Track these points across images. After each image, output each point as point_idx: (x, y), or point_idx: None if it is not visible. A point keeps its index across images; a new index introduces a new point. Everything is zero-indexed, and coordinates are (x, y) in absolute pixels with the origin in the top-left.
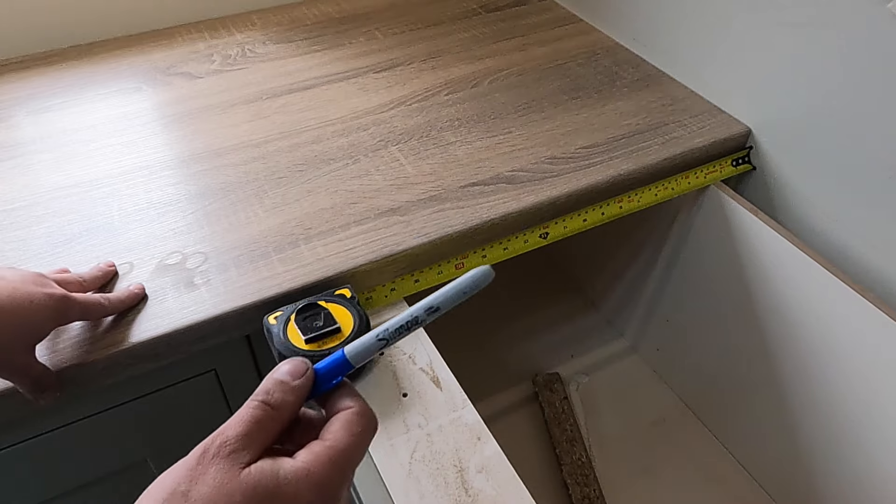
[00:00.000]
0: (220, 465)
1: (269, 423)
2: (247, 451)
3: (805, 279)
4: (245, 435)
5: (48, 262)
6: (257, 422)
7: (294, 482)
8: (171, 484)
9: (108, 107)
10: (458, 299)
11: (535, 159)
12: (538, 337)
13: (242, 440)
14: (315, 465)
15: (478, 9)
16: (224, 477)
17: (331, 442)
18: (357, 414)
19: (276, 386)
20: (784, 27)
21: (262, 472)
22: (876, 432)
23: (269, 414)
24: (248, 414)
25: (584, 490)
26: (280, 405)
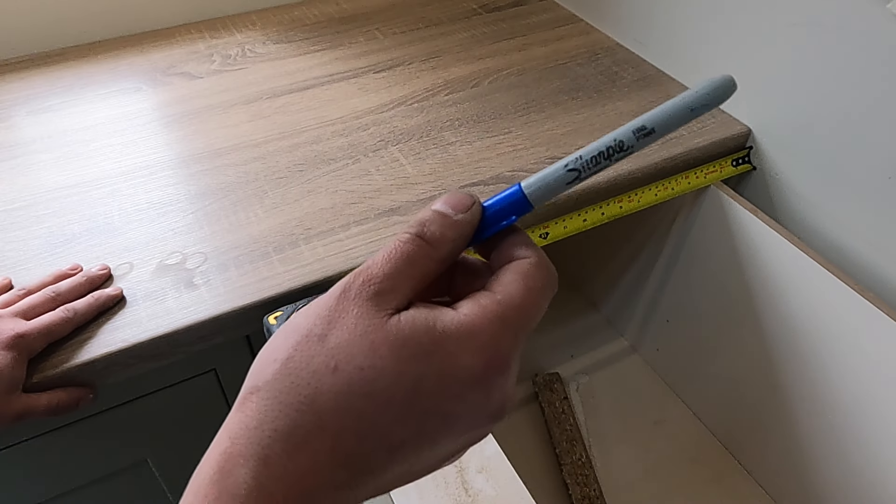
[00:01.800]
0: (363, 309)
1: (423, 262)
2: (395, 294)
3: (805, 279)
4: (394, 273)
5: (48, 262)
6: (409, 258)
7: (455, 339)
8: (306, 325)
9: (108, 107)
10: (682, 119)
11: (535, 159)
12: (538, 337)
13: (390, 280)
14: (482, 320)
15: (478, 9)
16: (367, 323)
17: (502, 295)
18: (535, 265)
19: (434, 218)
20: (784, 27)
21: (413, 322)
22: (876, 432)
23: (424, 250)
24: (399, 249)
25: (584, 490)
26: (438, 241)
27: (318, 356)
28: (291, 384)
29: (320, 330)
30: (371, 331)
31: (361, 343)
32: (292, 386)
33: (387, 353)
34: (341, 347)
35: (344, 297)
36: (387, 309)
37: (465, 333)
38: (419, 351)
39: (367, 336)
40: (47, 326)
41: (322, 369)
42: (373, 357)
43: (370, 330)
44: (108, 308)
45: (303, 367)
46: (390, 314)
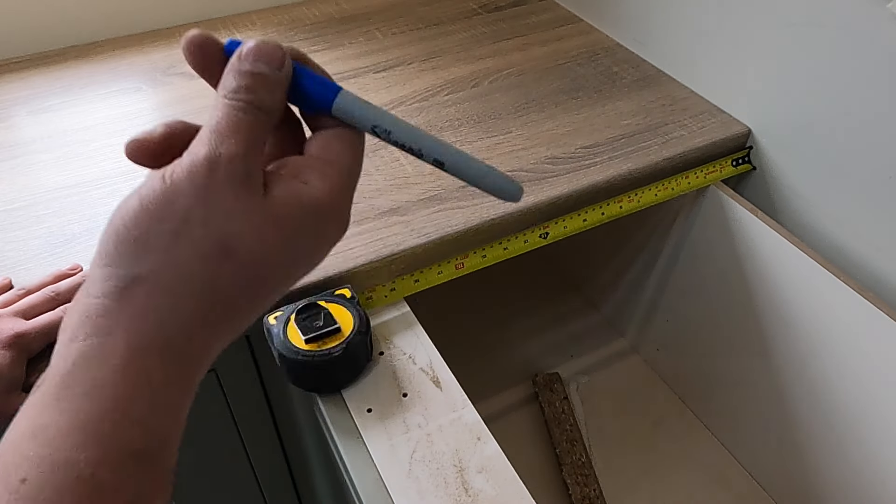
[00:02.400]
0: (240, 192)
1: (263, 131)
2: (256, 169)
3: (805, 279)
4: (252, 152)
5: (48, 262)
6: (254, 131)
7: (317, 213)
8: (179, 210)
9: (108, 107)
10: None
11: (535, 159)
12: (538, 337)
13: (251, 158)
14: (334, 192)
15: (478, 9)
16: (248, 205)
17: (339, 165)
18: (358, 133)
19: (259, 82)
20: (784, 27)
21: (286, 201)
22: (876, 432)
23: (262, 120)
24: (245, 122)
25: (584, 490)
26: (270, 108)
27: (204, 243)
28: (183, 276)
29: (200, 217)
30: (253, 212)
31: (248, 226)
32: (184, 277)
33: (272, 232)
34: (230, 234)
35: (213, 181)
36: (258, 190)
37: (325, 207)
38: (297, 228)
39: (251, 218)
40: (47, 326)
41: (214, 256)
42: (261, 239)
43: (253, 212)
44: None
45: (192, 256)
46: (263, 194)
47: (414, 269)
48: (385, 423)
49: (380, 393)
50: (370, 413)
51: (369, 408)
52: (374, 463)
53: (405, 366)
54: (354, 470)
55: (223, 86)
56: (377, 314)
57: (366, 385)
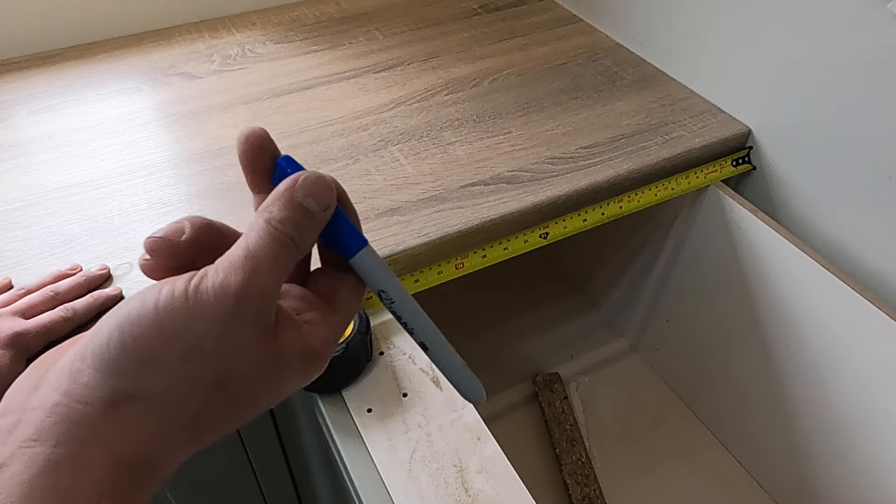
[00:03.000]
0: (256, 332)
1: (290, 268)
2: (273, 310)
3: (805, 279)
4: (278, 288)
5: (48, 262)
6: (286, 268)
7: (310, 360)
8: (190, 337)
9: (108, 107)
10: (444, 366)
11: (535, 159)
12: (538, 337)
13: (275, 296)
14: (329, 342)
15: (478, 9)
16: (257, 347)
17: (342, 315)
18: (364, 287)
19: (304, 220)
20: (784, 27)
21: (289, 345)
22: (876, 432)
23: (295, 258)
24: (281, 257)
25: (584, 490)
26: (306, 247)
27: (205, 374)
28: (182, 401)
29: (214, 347)
30: (260, 355)
31: (252, 367)
32: (183, 404)
33: (268, 376)
34: (230, 365)
35: (237, 313)
36: (271, 327)
37: (320, 358)
38: (290, 373)
39: (256, 360)
40: (46, 325)
41: (212, 388)
42: (258, 380)
43: (259, 354)
44: (107, 308)
45: (195, 382)
46: (273, 334)
47: (414, 269)
48: (385, 423)
49: (380, 393)
50: (370, 413)
51: (369, 408)
52: (374, 463)
53: (405, 366)
54: (354, 470)
55: (269, 211)
56: (377, 314)
57: (366, 385)
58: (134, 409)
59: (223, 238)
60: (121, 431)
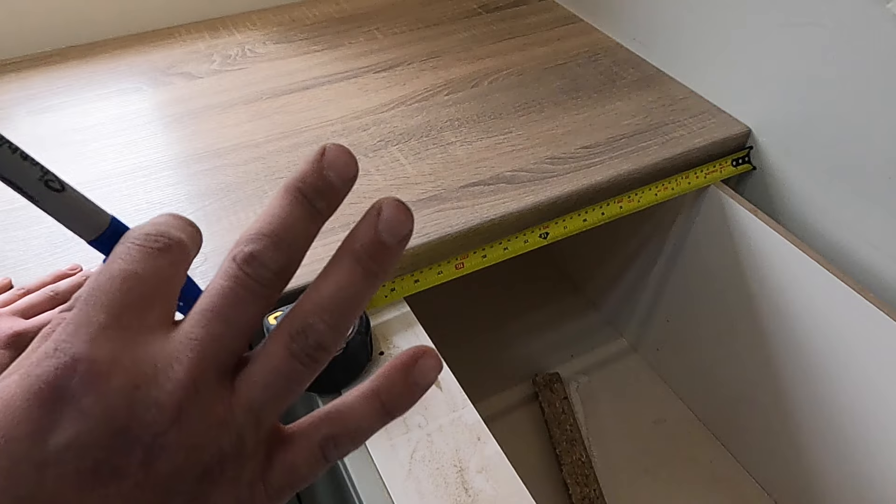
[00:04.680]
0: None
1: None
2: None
3: (805, 279)
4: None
5: (48, 262)
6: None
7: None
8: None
9: (108, 107)
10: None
11: (535, 159)
12: (538, 337)
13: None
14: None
15: (478, 9)
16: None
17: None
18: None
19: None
20: (784, 27)
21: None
22: (876, 432)
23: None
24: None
25: (584, 490)
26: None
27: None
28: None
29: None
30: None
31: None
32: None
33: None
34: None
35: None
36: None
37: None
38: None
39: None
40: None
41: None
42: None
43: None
44: None
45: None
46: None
47: (414, 269)
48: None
49: None
50: None
51: None
52: (374, 463)
53: None
54: (354, 470)
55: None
56: (377, 314)
57: None
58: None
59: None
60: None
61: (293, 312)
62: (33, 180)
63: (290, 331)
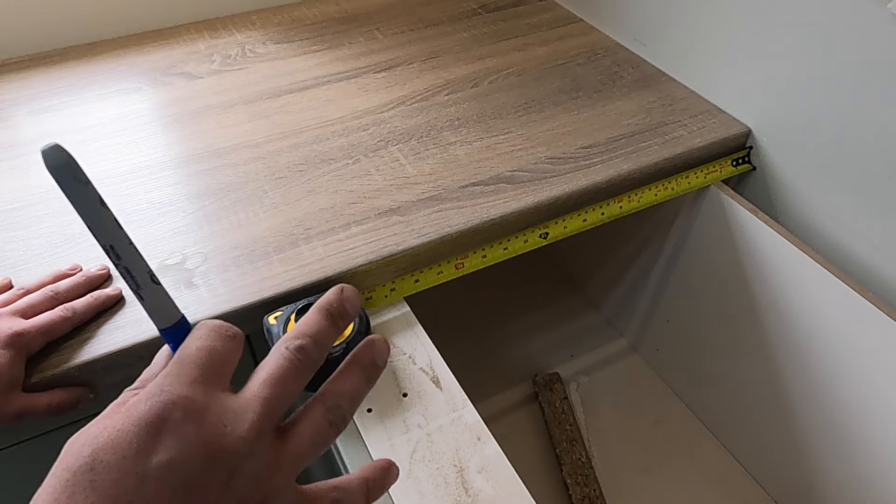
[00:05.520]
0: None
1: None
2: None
3: (805, 279)
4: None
5: (48, 262)
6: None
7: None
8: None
9: (108, 107)
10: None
11: (535, 159)
12: (538, 337)
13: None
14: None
15: (478, 9)
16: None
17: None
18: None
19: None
20: (784, 27)
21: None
22: (876, 432)
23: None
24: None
25: (584, 490)
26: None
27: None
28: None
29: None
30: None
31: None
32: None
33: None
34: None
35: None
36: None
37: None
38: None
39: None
40: (46, 325)
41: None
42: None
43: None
44: (107, 308)
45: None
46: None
47: (414, 269)
48: (385, 423)
49: (380, 393)
50: (370, 413)
51: (369, 408)
52: None
53: (405, 366)
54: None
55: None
56: (377, 314)
57: None
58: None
59: None
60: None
61: (328, 392)
62: (143, 272)
63: (327, 405)
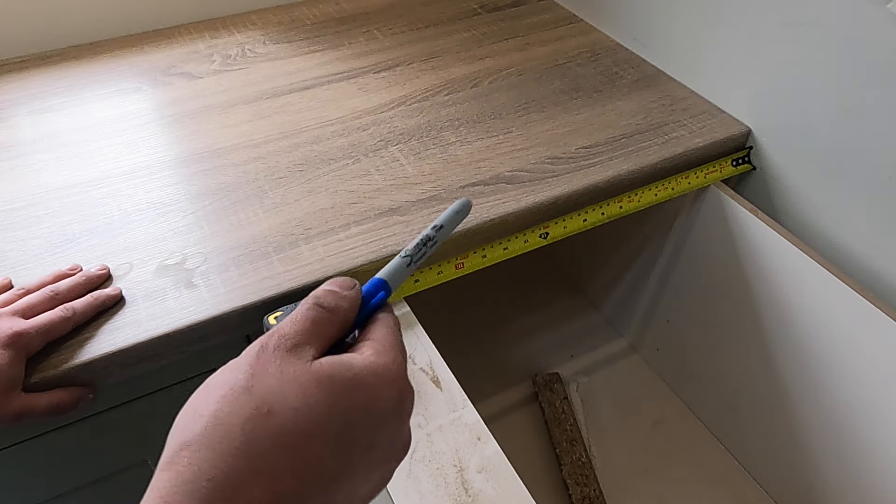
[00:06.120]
0: (286, 358)
1: (326, 325)
2: (310, 346)
3: (805, 279)
4: (303, 331)
5: (48, 262)
6: (315, 321)
7: (372, 375)
8: (229, 380)
9: (108, 107)
10: (453, 220)
11: (535, 159)
12: (538, 337)
13: (302, 336)
14: (386, 359)
15: (477, 9)
16: (293, 369)
17: (385, 341)
18: (396, 322)
19: (326, 293)
20: (784, 27)
21: (334, 363)
22: (875, 432)
23: (325, 316)
24: (303, 314)
25: (584, 490)
26: (335, 309)
27: (248, 404)
28: (225, 433)
29: (244, 382)
30: (298, 374)
31: (292, 386)
32: (225, 434)
33: (316, 391)
34: (272, 393)
35: (263, 353)
36: (306, 357)
37: (380, 370)
38: (346, 386)
39: (296, 379)
40: (46, 325)
41: (255, 415)
42: (305, 396)
43: (297, 374)
44: (107, 308)
45: (234, 415)
46: (311, 360)
47: None
48: None
49: None
50: None
51: None
52: None
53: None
54: None
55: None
56: None
57: None
58: (186, 453)
59: None
60: (173, 478)
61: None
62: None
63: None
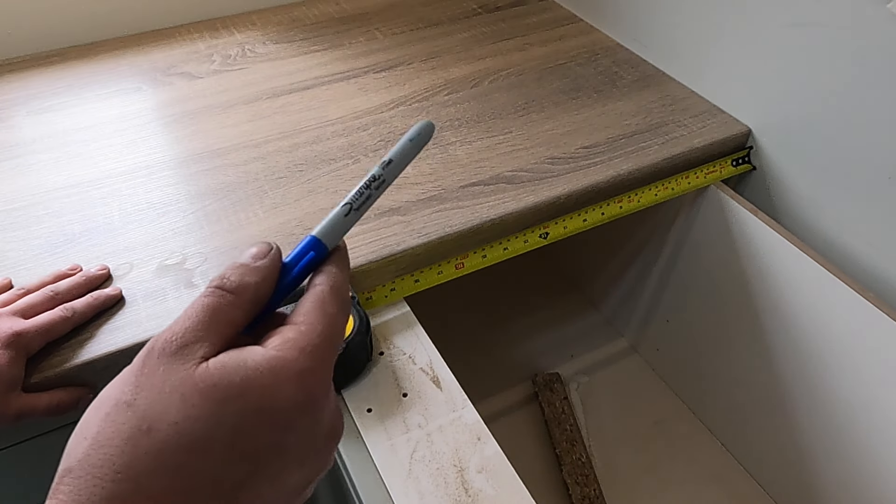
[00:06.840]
0: (170, 364)
1: (226, 310)
2: (201, 343)
3: (805, 279)
4: (196, 326)
5: (48, 262)
6: (212, 309)
7: (268, 373)
8: (114, 394)
9: (108, 107)
10: (407, 151)
11: (535, 159)
12: (538, 337)
13: (193, 332)
14: (291, 351)
15: (478, 9)
16: (175, 378)
17: (305, 325)
18: (329, 291)
19: (232, 269)
20: (784, 27)
21: (223, 365)
22: (875, 432)
23: (226, 299)
24: (199, 303)
25: (584, 490)
26: (239, 288)
27: (129, 421)
28: (104, 455)
29: (128, 396)
30: (179, 384)
31: (171, 398)
32: (105, 457)
33: (199, 402)
34: (152, 407)
35: (148, 359)
36: (193, 360)
37: (279, 366)
38: (232, 392)
39: (176, 390)
40: (46, 325)
41: (135, 434)
42: (185, 409)
43: (178, 383)
44: (107, 308)
45: (114, 436)
46: (197, 363)
47: (414, 269)
48: (385, 423)
49: (380, 393)
50: (370, 413)
51: (369, 408)
52: (374, 463)
53: (405, 366)
54: (354, 470)
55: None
56: (377, 314)
57: (366, 385)
58: (67, 481)
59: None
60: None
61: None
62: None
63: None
